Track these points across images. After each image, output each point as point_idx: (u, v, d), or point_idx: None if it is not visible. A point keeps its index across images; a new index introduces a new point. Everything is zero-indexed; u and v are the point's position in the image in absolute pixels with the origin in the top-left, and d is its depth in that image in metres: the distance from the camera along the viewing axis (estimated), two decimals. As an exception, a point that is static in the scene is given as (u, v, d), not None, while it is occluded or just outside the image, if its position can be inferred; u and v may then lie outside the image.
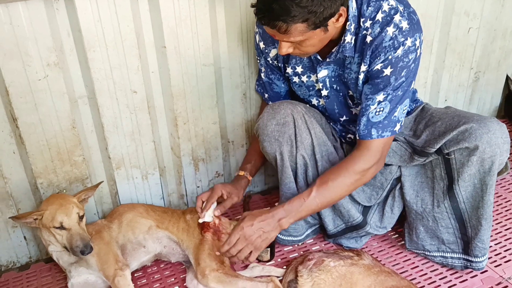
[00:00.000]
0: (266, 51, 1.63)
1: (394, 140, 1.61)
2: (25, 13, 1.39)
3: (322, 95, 1.61)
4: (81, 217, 1.52)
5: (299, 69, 1.60)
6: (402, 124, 1.50)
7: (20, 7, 1.38)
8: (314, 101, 1.68)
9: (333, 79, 1.57)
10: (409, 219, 1.69)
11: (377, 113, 1.45)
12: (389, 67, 1.39)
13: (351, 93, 1.57)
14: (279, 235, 1.73)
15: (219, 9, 1.65)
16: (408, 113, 1.71)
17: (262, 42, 1.62)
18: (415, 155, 1.58)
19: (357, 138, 1.50)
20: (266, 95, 1.77)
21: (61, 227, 1.48)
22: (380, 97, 1.43)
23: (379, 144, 1.48)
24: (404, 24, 1.37)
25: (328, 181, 1.49)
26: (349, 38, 1.42)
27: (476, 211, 1.54)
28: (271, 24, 1.28)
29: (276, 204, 1.83)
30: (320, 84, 1.58)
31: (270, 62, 1.65)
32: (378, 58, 1.40)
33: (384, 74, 1.41)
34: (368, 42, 1.41)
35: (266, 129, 1.58)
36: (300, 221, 1.71)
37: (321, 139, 1.62)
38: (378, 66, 1.41)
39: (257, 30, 1.62)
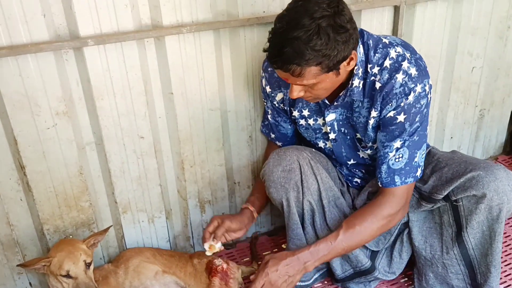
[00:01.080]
0: (273, 95, 1.64)
1: None
2: (34, 64, 1.41)
3: (330, 138, 1.61)
4: (88, 265, 1.51)
5: (305, 113, 1.61)
6: (422, 168, 1.51)
7: (29, 59, 1.40)
8: (321, 144, 1.68)
9: (340, 123, 1.57)
10: (418, 265, 1.67)
11: (397, 160, 1.46)
12: (402, 113, 1.41)
13: (358, 136, 1.58)
14: (286, 280, 1.71)
15: (225, 55, 1.67)
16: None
17: (268, 86, 1.63)
18: (422, 201, 1.58)
19: (380, 185, 1.51)
20: (273, 136, 1.78)
21: (68, 276, 1.47)
22: (397, 143, 1.44)
23: (403, 190, 1.50)
24: (413, 71, 1.39)
25: (355, 225, 1.49)
26: (356, 82, 1.43)
27: (485, 258, 1.53)
28: (285, 67, 1.28)
29: (284, 246, 1.82)
30: (328, 128, 1.59)
31: (277, 105, 1.66)
32: (390, 105, 1.41)
33: (398, 121, 1.42)
34: (378, 88, 1.42)
35: (272, 176, 1.58)
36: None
37: (328, 184, 1.61)
38: (391, 114, 1.42)
39: (263, 74, 1.63)
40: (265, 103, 1.72)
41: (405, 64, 1.39)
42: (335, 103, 1.51)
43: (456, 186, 1.48)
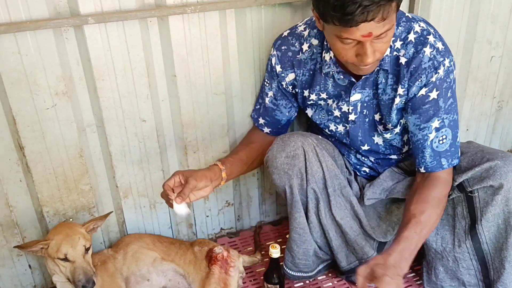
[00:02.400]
0: (283, 75, 1.55)
1: (412, 176, 1.56)
2: (33, 42, 1.38)
3: (349, 119, 1.54)
4: (87, 249, 1.48)
5: (323, 95, 1.54)
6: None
7: (28, 36, 1.36)
8: (332, 127, 1.60)
9: (365, 104, 1.50)
10: (428, 257, 1.61)
11: (441, 142, 1.40)
12: (435, 90, 1.35)
13: (377, 117, 1.51)
14: (288, 271, 1.66)
15: (231, 37, 1.62)
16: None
17: (279, 66, 1.55)
18: None
19: (424, 171, 1.44)
20: (262, 121, 1.68)
21: (65, 259, 1.44)
22: (435, 123, 1.38)
23: (450, 173, 1.44)
24: (439, 45, 1.34)
25: (421, 216, 1.36)
26: (387, 50, 1.36)
27: (500, 253, 1.46)
28: (376, 8, 1.13)
29: (287, 236, 1.77)
30: (351, 108, 1.51)
31: (284, 86, 1.58)
32: (419, 81, 1.35)
33: (431, 98, 1.36)
34: (404, 63, 1.36)
35: (275, 162, 1.52)
36: (311, 256, 1.65)
37: (333, 172, 1.55)
38: (423, 91, 1.36)
39: (274, 52, 1.54)
40: (266, 85, 1.61)
41: (431, 38, 1.34)
42: (363, 77, 1.42)
43: (472, 176, 1.42)
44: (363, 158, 1.65)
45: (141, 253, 1.62)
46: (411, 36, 1.35)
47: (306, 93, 1.56)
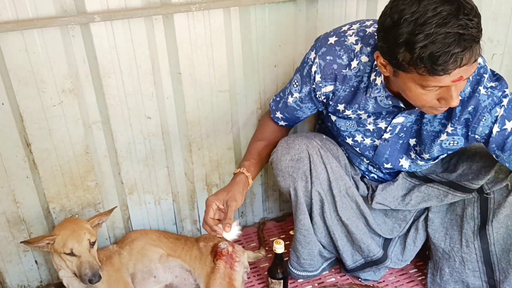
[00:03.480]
0: (320, 85, 1.43)
1: (427, 183, 1.58)
2: (40, 40, 1.39)
3: (383, 137, 1.49)
4: (92, 244, 1.50)
5: (360, 112, 1.46)
6: None
7: (35, 34, 1.38)
8: (359, 138, 1.53)
9: (404, 128, 1.46)
10: (435, 258, 1.62)
11: None
12: (506, 121, 1.29)
13: (412, 142, 1.48)
14: (293, 270, 1.67)
15: (235, 35, 1.63)
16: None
17: (319, 75, 1.41)
18: (453, 190, 1.52)
19: None
20: (280, 115, 1.58)
21: (72, 254, 1.46)
22: None
23: None
24: (492, 84, 1.29)
25: None
26: None
27: (507, 253, 1.47)
28: (468, 53, 1.07)
29: (291, 232, 1.79)
30: (389, 128, 1.45)
31: (317, 95, 1.46)
32: (483, 120, 1.30)
33: (510, 129, 1.29)
34: None
35: (280, 164, 1.52)
36: (316, 256, 1.66)
37: (338, 174, 1.55)
38: (496, 128, 1.29)
39: (317, 60, 1.40)
40: (295, 85, 1.49)
41: (486, 77, 1.28)
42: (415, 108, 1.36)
43: (490, 179, 1.45)
44: (374, 169, 1.65)
45: (147, 249, 1.64)
46: None
47: (340, 107, 1.46)
